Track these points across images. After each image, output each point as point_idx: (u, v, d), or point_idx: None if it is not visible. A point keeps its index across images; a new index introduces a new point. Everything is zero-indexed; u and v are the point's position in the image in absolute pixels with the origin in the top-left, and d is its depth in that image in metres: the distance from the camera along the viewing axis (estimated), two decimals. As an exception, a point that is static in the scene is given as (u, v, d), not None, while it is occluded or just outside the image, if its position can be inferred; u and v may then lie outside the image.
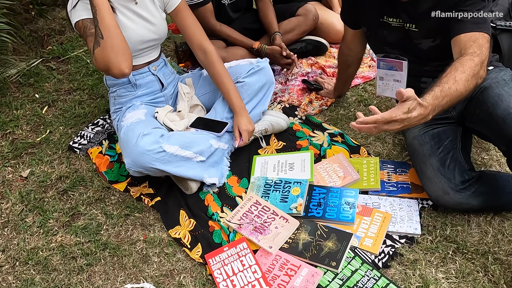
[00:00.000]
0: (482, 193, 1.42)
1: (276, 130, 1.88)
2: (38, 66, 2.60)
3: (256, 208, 1.54)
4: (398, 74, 1.63)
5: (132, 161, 1.51)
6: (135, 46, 1.66)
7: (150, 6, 1.66)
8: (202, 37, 1.77)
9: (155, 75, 1.79)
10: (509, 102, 1.31)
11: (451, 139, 1.52)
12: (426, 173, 1.47)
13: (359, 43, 1.78)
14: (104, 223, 1.60)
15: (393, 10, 1.48)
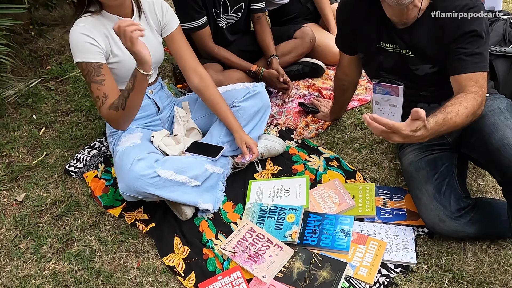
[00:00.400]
0: (478, 221, 1.41)
1: (272, 154, 1.88)
2: (37, 86, 2.61)
3: (250, 236, 1.53)
4: (394, 99, 1.63)
5: (126, 186, 1.51)
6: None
7: (147, 32, 1.67)
8: (196, 62, 1.79)
9: (151, 98, 1.80)
10: (504, 132, 1.32)
11: (447, 165, 1.52)
12: (422, 200, 1.46)
13: (355, 69, 1.79)
14: (98, 250, 1.59)
15: (389, 36, 1.49)
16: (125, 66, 1.63)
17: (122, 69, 1.64)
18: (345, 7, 1.61)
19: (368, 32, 1.54)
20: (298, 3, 2.59)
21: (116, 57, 1.61)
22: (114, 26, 1.37)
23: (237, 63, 2.22)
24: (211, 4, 2.14)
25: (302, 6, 2.60)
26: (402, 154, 1.68)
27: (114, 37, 1.59)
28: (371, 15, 1.50)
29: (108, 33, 1.58)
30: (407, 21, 1.43)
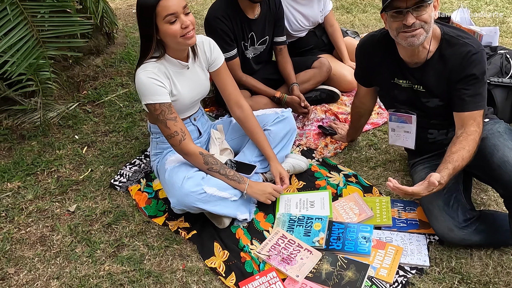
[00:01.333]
0: (483, 231, 1.62)
1: (297, 171, 2.11)
2: (76, 109, 2.86)
3: (283, 241, 1.74)
4: (408, 126, 1.86)
5: (178, 201, 1.73)
6: (186, 106, 1.90)
7: (198, 69, 1.90)
8: (239, 95, 2.00)
9: (195, 125, 2.03)
10: (504, 151, 1.54)
11: (454, 182, 1.74)
12: (433, 212, 1.67)
13: (370, 98, 2.03)
14: (147, 254, 1.80)
15: (403, 73, 1.72)
16: (181, 103, 1.85)
17: (178, 106, 1.84)
18: (364, 46, 1.84)
19: (384, 69, 1.76)
20: (314, 36, 2.87)
21: (174, 96, 1.82)
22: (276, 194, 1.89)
23: (263, 89, 2.48)
24: (240, 37, 2.42)
25: (318, 39, 2.87)
26: (413, 172, 1.90)
27: (173, 78, 1.80)
28: (387, 55, 1.73)
29: (169, 75, 1.78)
30: (418, 61, 1.66)
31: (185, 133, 1.78)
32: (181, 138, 1.76)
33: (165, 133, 1.78)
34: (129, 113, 2.79)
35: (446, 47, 1.60)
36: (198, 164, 1.81)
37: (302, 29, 2.79)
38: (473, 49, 1.56)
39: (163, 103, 1.74)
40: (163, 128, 1.76)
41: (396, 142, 1.92)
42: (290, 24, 2.73)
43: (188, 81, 1.87)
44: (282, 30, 2.56)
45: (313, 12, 2.75)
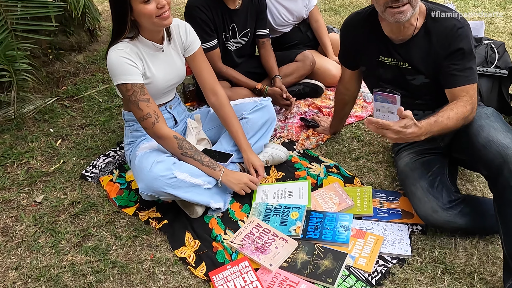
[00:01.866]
0: (468, 214, 1.54)
1: (276, 161, 2.02)
2: (53, 104, 2.77)
3: (257, 230, 1.65)
4: (393, 107, 1.79)
5: (146, 186, 1.64)
6: (161, 91, 1.82)
7: (173, 53, 1.83)
8: (214, 81, 1.93)
9: (170, 113, 1.95)
10: (489, 131, 1.48)
11: (439, 166, 1.67)
12: (416, 194, 1.60)
13: (354, 83, 1.97)
14: (113, 244, 1.69)
15: (388, 51, 1.67)
16: (155, 87, 1.78)
17: (152, 90, 1.76)
18: (349, 24, 1.80)
19: (369, 47, 1.71)
20: (299, 32, 2.82)
21: (148, 79, 1.74)
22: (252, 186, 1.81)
23: (244, 81, 2.41)
24: (221, 28, 2.36)
25: (303, 35, 2.82)
26: (398, 158, 1.82)
27: (147, 59, 1.73)
28: (372, 32, 1.68)
29: (142, 56, 1.71)
30: (404, 38, 1.61)
31: (158, 116, 1.69)
32: (154, 121, 1.68)
33: (137, 115, 1.69)
34: (108, 107, 2.70)
35: (431, 22, 1.57)
36: (172, 149, 1.72)
37: (286, 24, 2.75)
38: (458, 23, 1.52)
39: (135, 83, 1.66)
40: (135, 109, 1.68)
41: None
42: (274, 18, 2.68)
43: (163, 64, 1.80)
44: (264, 23, 2.51)
45: (297, 6, 2.71)
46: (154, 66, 1.76)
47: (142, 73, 1.71)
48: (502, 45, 2.09)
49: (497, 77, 2.05)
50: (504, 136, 1.43)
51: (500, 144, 1.40)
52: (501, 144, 1.40)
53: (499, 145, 1.40)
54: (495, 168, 1.38)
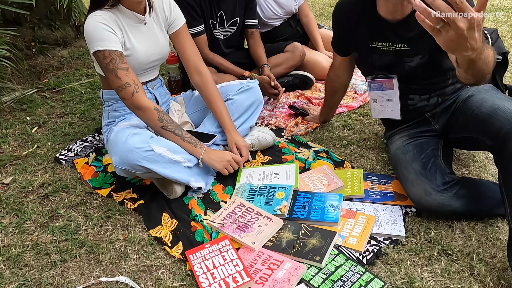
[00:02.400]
0: (464, 196, 1.44)
1: (263, 145, 1.92)
2: (33, 95, 2.66)
3: (240, 210, 1.53)
4: (390, 92, 1.70)
5: (120, 158, 1.52)
6: (142, 66, 1.72)
7: (156, 28, 1.75)
8: (199, 59, 1.84)
9: (152, 93, 1.85)
10: (493, 101, 1.38)
11: (432, 148, 1.57)
12: (409, 177, 1.49)
13: (346, 70, 1.88)
14: (84, 224, 1.56)
15: (382, 34, 1.57)
16: (136, 60, 1.68)
17: (132, 63, 1.67)
18: (339, 9, 1.71)
19: (361, 32, 1.62)
20: (289, 26, 2.77)
21: (127, 50, 1.65)
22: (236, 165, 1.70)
23: (231, 68, 2.33)
24: (208, 15, 2.29)
25: (293, 29, 2.78)
26: (390, 142, 1.73)
27: (127, 30, 1.64)
28: (365, 15, 1.59)
29: (122, 26, 1.63)
30: (401, 17, 1.51)
31: (138, 86, 1.59)
32: (134, 90, 1.58)
33: (115, 85, 1.58)
34: (90, 98, 2.60)
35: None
36: (152, 121, 1.61)
37: (275, 17, 2.70)
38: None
39: (114, 50, 1.56)
40: (113, 79, 1.57)
41: (380, 114, 1.74)
42: (263, 10, 2.64)
43: (144, 38, 1.71)
44: (253, 13, 2.45)
45: (286, 0, 2.67)
46: (134, 38, 1.67)
47: (122, 42, 1.62)
48: (495, 32, 2.03)
49: (491, 64, 1.98)
50: (511, 103, 1.34)
51: (508, 110, 1.30)
52: (509, 110, 1.30)
53: (507, 111, 1.30)
54: (503, 135, 1.27)
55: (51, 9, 3.11)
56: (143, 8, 1.69)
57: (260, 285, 1.24)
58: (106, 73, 1.59)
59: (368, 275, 1.26)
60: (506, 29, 3.36)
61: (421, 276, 1.30)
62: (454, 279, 1.28)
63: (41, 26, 3.11)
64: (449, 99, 1.63)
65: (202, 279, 1.27)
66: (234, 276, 1.26)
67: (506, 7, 3.95)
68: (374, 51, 1.62)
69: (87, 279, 1.33)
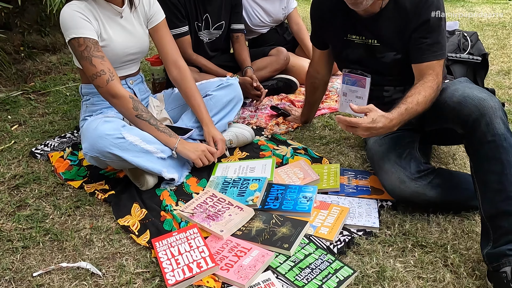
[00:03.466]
0: (439, 186, 1.41)
1: (241, 142, 1.89)
2: (17, 97, 2.65)
3: (211, 200, 1.49)
4: (361, 90, 1.71)
5: (90, 145, 1.49)
6: (119, 58, 1.71)
7: (134, 21, 1.75)
8: (177, 54, 1.84)
9: (131, 88, 1.84)
10: (463, 90, 1.38)
11: (408, 141, 1.55)
12: (383, 167, 1.47)
13: (325, 65, 1.88)
14: (51, 214, 1.52)
15: (355, 28, 1.59)
16: (112, 51, 1.67)
17: (109, 53, 1.66)
18: (315, 3, 1.73)
19: (336, 25, 1.63)
20: (276, 33, 2.79)
21: (104, 41, 1.65)
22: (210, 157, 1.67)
23: (214, 69, 2.33)
24: (194, 17, 2.31)
25: (280, 36, 2.80)
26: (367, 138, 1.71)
27: (103, 21, 1.64)
28: (338, 9, 1.60)
29: (98, 16, 1.63)
30: (372, 11, 1.52)
31: (113, 74, 1.58)
32: (109, 78, 1.56)
33: (89, 73, 1.57)
34: (74, 100, 2.59)
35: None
36: (126, 109, 1.59)
37: (262, 25, 2.72)
38: None
39: (88, 38, 1.56)
40: (88, 66, 1.56)
41: (346, 109, 1.75)
42: (250, 17, 2.66)
43: (122, 30, 1.71)
44: (239, 17, 2.47)
45: (274, 8, 2.70)
46: (111, 29, 1.67)
47: (97, 32, 1.62)
48: (475, 34, 2.05)
49: (471, 65, 1.99)
50: (480, 91, 1.33)
51: (476, 97, 1.30)
52: (477, 97, 1.29)
53: (475, 98, 1.29)
54: (472, 122, 1.26)
55: (42, 15, 3.15)
56: (121, 1, 1.70)
57: (225, 271, 1.20)
58: (81, 62, 1.59)
59: (338, 263, 1.22)
60: (493, 42, 3.40)
61: (393, 266, 1.25)
62: (427, 269, 1.24)
63: (31, 32, 3.15)
64: None
65: (166, 265, 1.22)
66: (198, 262, 1.22)
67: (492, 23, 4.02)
68: (348, 44, 1.63)
69: (48, 265, 1.28)
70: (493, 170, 1.21)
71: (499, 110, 1.26)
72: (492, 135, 1.22)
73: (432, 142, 1.68)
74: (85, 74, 1.63)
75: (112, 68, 1.59)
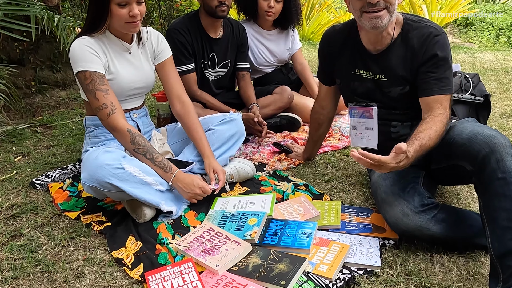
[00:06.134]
0: (443, 221, 1.37)
1: (242, 177, 1.88)
2: (24, 129, 2.68)
3: (208, 234, 1.46)
4: (370, 121, 1.70)
5: (89, 175, 1.49)
6: (124, 91, 1.75)
7: (142, 57, 1.80)
8: (181, 90, 1.87)
9: (134, 121, 1.86)
10: (473, 127, 1.38)
11: (413, 176, 1.53)
12: (386, 199, 1.44)
13: (331, 101, 1.89)
14: (45, 244, 1.49)
15: (364, 63, 1.61)
16: (118, 83, 1.71)
17: (115, 86, 1.70)
18: (325, 38, 1.76)
19: (345, 59, 1.67)
20: (281, 73, 2.84)
21: (111, 74, 1.69)
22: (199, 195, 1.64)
23: (218, 106, 2.35)
24: (200, 55, 2.37)
25: (284, 76, 2.85)
26: (372, 173, 1.69)
27: (112, 56, 1.69)
28: (348, 43, 1.64)
29: (107, 51, 1.68)
30: (381, 48, 1.56)
31: (115, 107, 1.61)
32: (110, 111, 1.59)
33: (93, 105, 1.61)
34: (79, 133, 2.61)
35: (408, 30, 1.53)
36: (125, 143, 1.61)
37: (267, 64, 2.78)
38: (435, 31, 1.49)
39: (95, 71, 1.60)
40: (92, 99, 1.60)
41: (358, 142, 1.73)
42: (255, 57, 2.72)
43: (129, 64, 1.75)
44: (245, 56, 2.53)
45: (279, 48, 2.76)
46: (119, 64, 1.71)
47: (105, 66, 1.66)
48: (476, 76, 2.07)
49: (474, 106, 1.99)
50: (490, 129, 1.33)
51: (487, 134, 1.29)
52: (487, 134, 1.29)
53: (485, 135, 1.29)
54: (481, 159, 1.25)
55: (55, 52, 3.25)
56: (130, 37, 1.75)
57: (218, 308, 1.15)
58: (86, 95, 1.62)
59: (337, 302, 1.17)
60: (495, 86, 3.42)
61: (395, 308, 1.19)
62: (431, 312, 1.18)
63: (43, 68, 3.23)
64: None
65: (157, 299, 1.18)
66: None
67: (495, 69, 4.06)
68: (356, 78, 1.65)
69: (36, 297, 1.24)
70: (503, 207, 1.19)
71: (509, 148, 1.25)
72: (502, 172, 1.21)
73: (437, 181, 1.65)
74: (90, 107, 1.66)
75: (116, 101, 1.62)
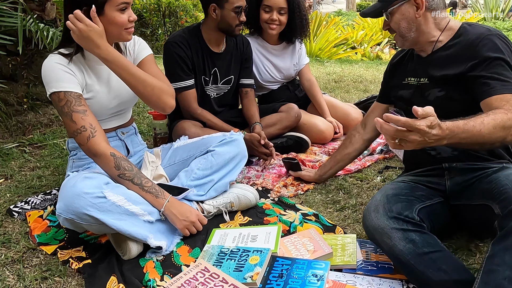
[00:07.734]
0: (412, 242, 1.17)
1: (243, 205, 1.67)
2: (12, 149, 2.51)
3: (202, 275, 1.24)
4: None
5: (65, 205, 1.29)
6: (107, 109, 1.59)
7: None
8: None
9: (122, 140, 1.69)
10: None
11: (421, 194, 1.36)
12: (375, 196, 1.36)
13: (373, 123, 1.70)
14: (13, 286, 1.28)
15: (414, 71, 1.50)
16: (98, 102, 1.56)
17: (95, 106, 1.55)
18: (396, 55, 1.66)
19: (399, 71, 1.58)
20: (287, 90, 2.66)
21: (90, 92, 1.54)
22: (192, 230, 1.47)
23: (219, 125, 2.16)
24: (201, 70, 2.19)
25: (291, 93, 2.66)
26: None
27: (90, 73, 1.54)
28: (407, 55, 1.57)
29: (83, 68, 1.52)
30: (430, 50, 1.46)
31: (95, 130, 1.42)
32: (90, 135, 1.40)
33: (70, 130, 1.43)
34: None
35: (461, 33, 1.40)
36: (108, 168, 1.41)
37: (273, 81, 2.60)
38: (487, 31, 1.33)
39: (70, 91, 1.43)
40: (68, 123, 1.42)
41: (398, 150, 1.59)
42: (260, 73, 2.54)
43: (109, 79, 1.57)
44: (249, 71, 2.36)
45: (285, 64, 2.59)
46: (98, 79, 1.55)
47: (82, 84, 1.50)
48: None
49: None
50: None
51: None
52: None
53: None
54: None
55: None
56: None
57: None
58: (62, 118, 1.45)
59: None
60: None
61: None
62: None
63: (37, 84, 3.07)
64: (476, 164, 1.38)
65: None
66: None
67: None
68: (405, 86, 1.53)
69: None
70: (510, 264, 1.01)
71: None
72: None
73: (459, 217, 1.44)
74: None
75: (96, 123, 1.44)
